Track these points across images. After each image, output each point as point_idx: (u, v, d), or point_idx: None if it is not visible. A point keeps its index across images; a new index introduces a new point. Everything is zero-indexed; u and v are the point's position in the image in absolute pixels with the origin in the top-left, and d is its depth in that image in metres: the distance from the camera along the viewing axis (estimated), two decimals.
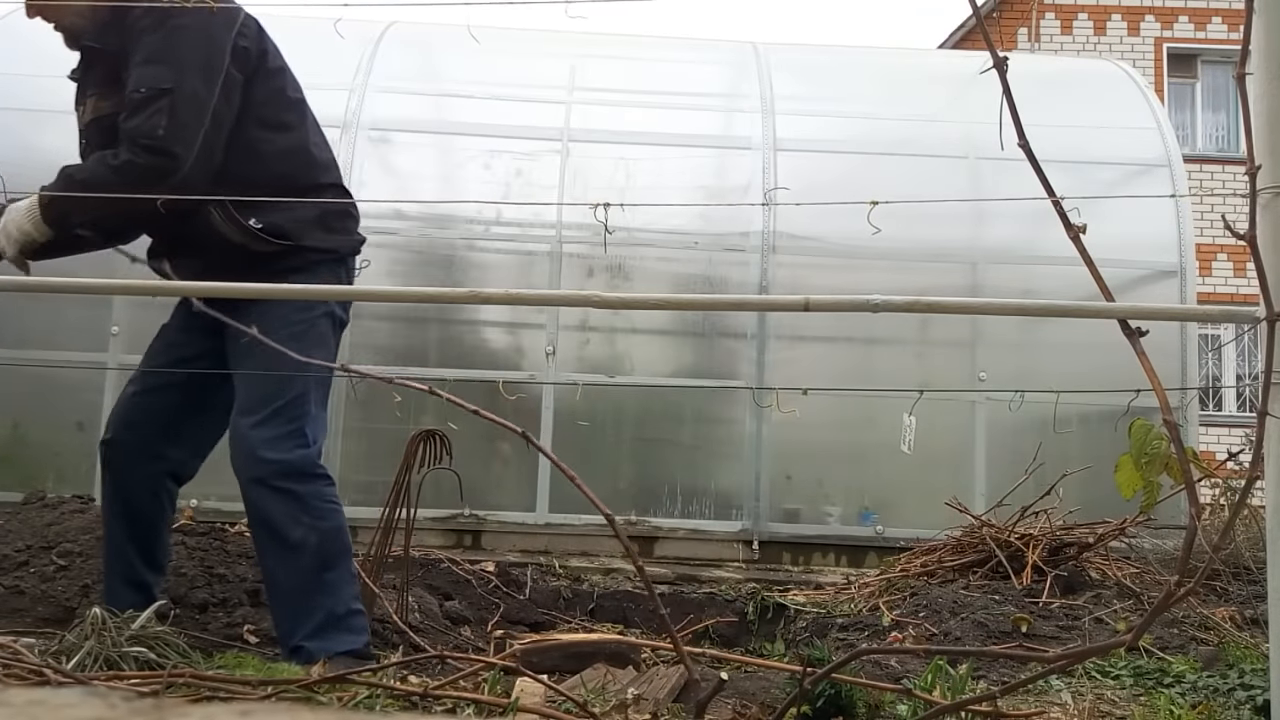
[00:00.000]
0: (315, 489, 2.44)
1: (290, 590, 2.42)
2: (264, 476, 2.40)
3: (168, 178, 2.32)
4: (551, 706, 1.88)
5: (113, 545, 2.57)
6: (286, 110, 2.58)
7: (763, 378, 4.99)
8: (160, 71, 2.33)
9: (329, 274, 2.59)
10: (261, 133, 2.51)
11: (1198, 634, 3.02)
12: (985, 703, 1.68)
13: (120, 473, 2.54)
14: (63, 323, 4.94)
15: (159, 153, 2.31)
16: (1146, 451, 1.67)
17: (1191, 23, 12.55)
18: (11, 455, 4.86)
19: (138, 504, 2.55)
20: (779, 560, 4.87)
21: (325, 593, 2.41)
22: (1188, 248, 5.24)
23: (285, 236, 2.48)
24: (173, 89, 2.32)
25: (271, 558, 2.44)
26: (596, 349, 5.25)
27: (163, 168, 2.32)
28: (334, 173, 2.70)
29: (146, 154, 2.31)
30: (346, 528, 2.50)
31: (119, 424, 2.56)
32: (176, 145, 2.31)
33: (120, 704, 0.59)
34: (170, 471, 2.59)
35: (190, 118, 2.34)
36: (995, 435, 4.98)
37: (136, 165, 2.31)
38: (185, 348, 2.57)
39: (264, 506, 2.41)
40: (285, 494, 2.40)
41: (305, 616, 2.39)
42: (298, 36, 5.79)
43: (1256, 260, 1.55)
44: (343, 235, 2.63)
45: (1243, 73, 1.57)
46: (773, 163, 5.29)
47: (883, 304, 1.75)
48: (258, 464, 2.41)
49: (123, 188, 2.28)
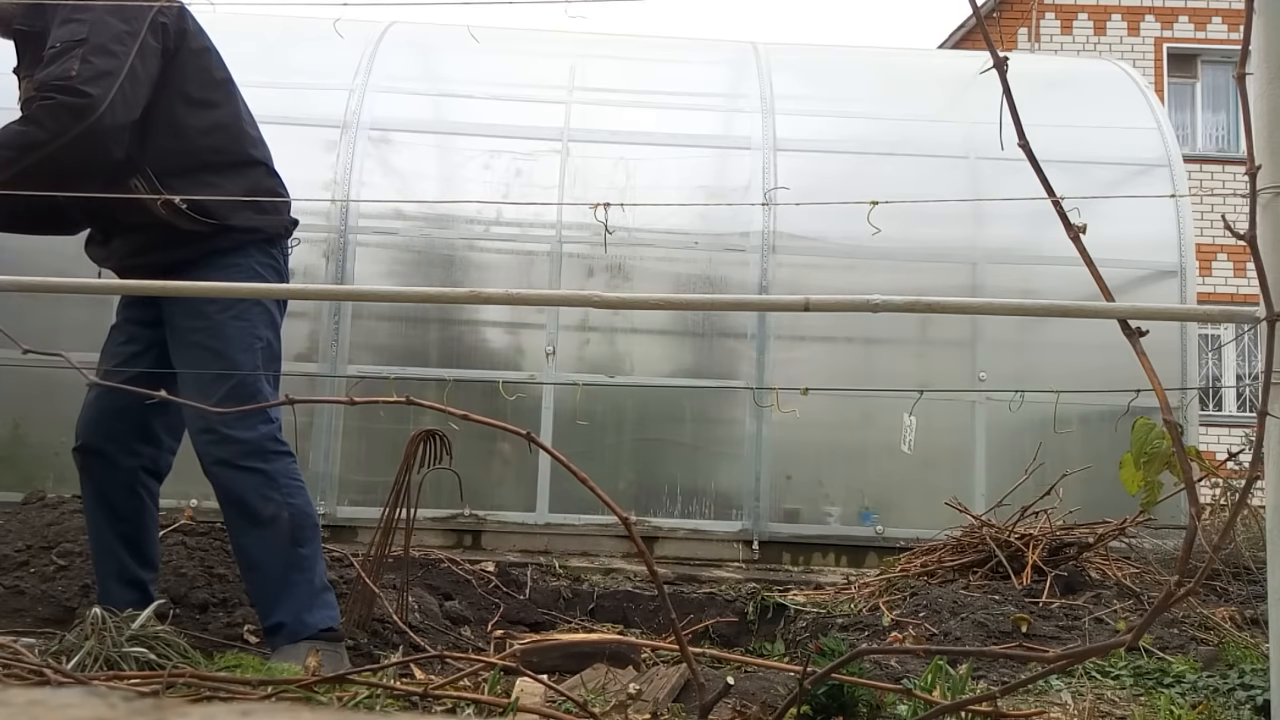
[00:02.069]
0: (282, 465, 2.46)
1: (266, 568, 2.43)
2: (230, 457, 2.41)
3: (83, 117, 2.28)
4: (551, 706, 1.88)
5: (101, 547, 2.57)
6: (212, 89, 2.58)
7: (763, 378, 4.99)
8: (74, 28, 2.34)
9: (259, 254, 2.57)
10: (186, 109, 2.50)
11: (1198, 634, 3.02)
12: (985, 703, 1.68)
13: (97, 475, 2.54)
14: (63, 323, 4.94)
15: (71, 92, 2.27)
16: (1147, 450, 1.67)
17: (1191, 23, 12.55)
18: (11, 455, 4.86)
19: (119, 504, 2.56)
20: (779, 560, 4.88)
21: (301, 568, 2.44)
22: (1188, 248, 5.24)
23: (211, 215, 2.46)
24: (85, 38, 2.32)
25: (245, 537, 2.46)
26: (596, 349, 5.25)
27: (76, 107, 2.27)
28: (264, 150, 2.68)
29: (60, 94, 2.28)
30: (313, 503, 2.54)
31: (87, 428, 2.55)
32: (90, 86, 2.29)
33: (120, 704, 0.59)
34: (144, 467, 2.59)
35: (103, 64, 2.32)
36: (995, 435, 4.98)
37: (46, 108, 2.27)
38: (135, 343, 2.58)
39: (233, 487, 2.43)
40: (253, 472, 2.42)
41: (283, 593, 2.42)
42: (298, 36, 5.83)
43: (1256, 260, 1.55)
44: (272, 215, 2.62)
45: (1243, 73, 1.57)
46: (773, 163, 5.29)
47: (883, 304, 1.75)
48: (223, 444, 2.41)
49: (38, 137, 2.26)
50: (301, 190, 5.20)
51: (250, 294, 2.44)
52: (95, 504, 2.56)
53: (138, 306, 2.60)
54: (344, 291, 4.79)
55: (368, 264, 5.18)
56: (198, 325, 2.47)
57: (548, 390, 4.96)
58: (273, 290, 2.38)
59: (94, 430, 2.54)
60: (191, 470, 5.40)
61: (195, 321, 2.48)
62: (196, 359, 2.46)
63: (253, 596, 2.53)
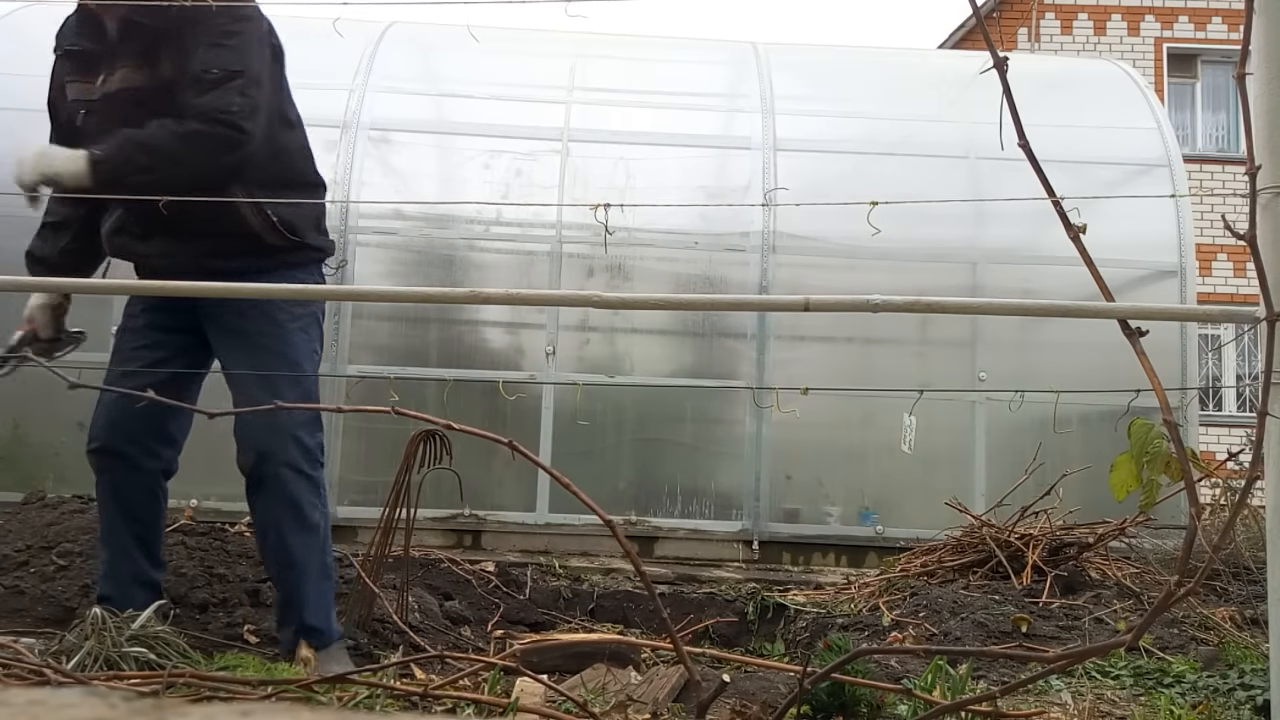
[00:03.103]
0: (322, 475, 2.56)
1: (308, 570, 2.50)
2: (297, 461, 2.47)
3: (235, 151, 2.37)
4: (551, 706, 1.88)
5: (118, 549, 2.55)
6: (292, 107, 2.64)
7: (763, 378, 4.99)
8: (229, 55, 2.40)
9: (318, 271, 2.69)
10: (281, 128, 2.57)
11: (1198, 634, 3.02)
12: (985, 703, 1.68)
13: (117, 478, 2.53)
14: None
15: (231, 126, 2.36)
16: (1147, 450, 1.67)
17: (1191, 23, 12.55)
18: (11, 455, 4.86)
19: (139, 506, 2.56)
20: (779, 560, 4.87)
21: (328, 576, 2.55)
22: (1188, 248, 5.24)
23: (295, 232, 2.55)
24: (243, 70, 2.40)
25: (294, 537, 2.49)
26: (596, 349, 5.25)
27: (232, 141, 2.37)
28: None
29: (220, 126, 2.36)
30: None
31: (106, 430, 2.54)
32: (247, 122, 2.38)
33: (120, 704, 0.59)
34: (163, 469, 2.60)
35: (259, 100, 2.41)
36: (995, 435, 4.98)
37: (204, 134, 2.36)
38: (159, 348, 2.58)
39: (294, 490, 2.47)
40: (309, 479, 2.49)
41: (319, 597, 2.50)
42: (298, 36, 5.82)
43: (1256, 260, 1.55)
44: (328, 237, 2.74)
45: (1243, 73, 1.57)
46: (773, 163, 5.29)
47: (883, 304, 1.75)
48: (294, 447, 2.47)
49: (185, 155, 2.35)
50: None
51: (251, 294, 2.44)
52: (114, 506, 2.54)
53: (166, 311, 2.58)
54: (344, 291, 4.78)
55: (368, 264, 5.18)
56: (269, 330, 2.52)
57: (548, 390, 4.96)
58: (273, 290, 2.38)
59: (113, 432, 2.52)
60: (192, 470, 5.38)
61: (267, 326, 2.52)
62: (268, 363, 2.49)
63: (287, 596, 2.52)
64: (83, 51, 2.51)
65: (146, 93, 2.45)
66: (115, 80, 2.47)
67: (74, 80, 2.52)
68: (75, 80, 2.52)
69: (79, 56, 2.52)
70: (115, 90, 2.46)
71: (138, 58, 2.45)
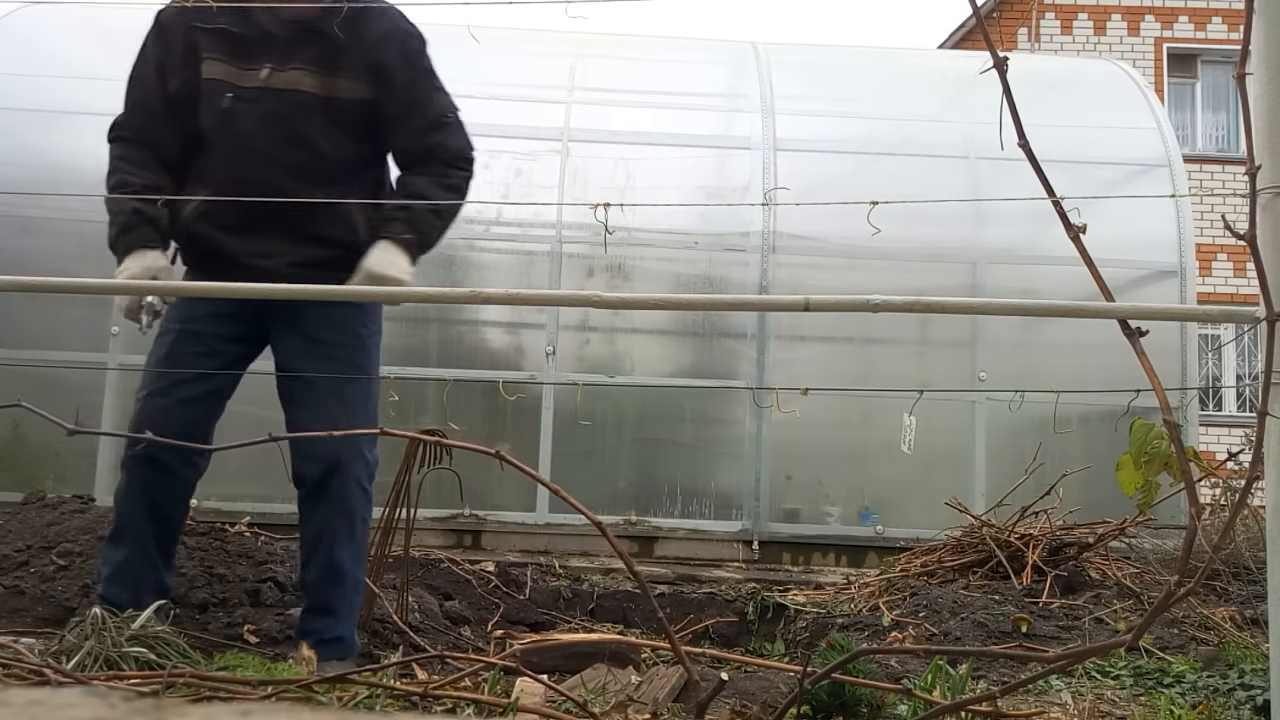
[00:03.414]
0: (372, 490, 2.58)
1: (351, 583, 2.52)
2: (361, 475, 2.49)
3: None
4: (551, 706, 1.88)
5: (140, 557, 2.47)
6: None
7: (763, 378, 4.99)
8: (448, 100, 2.63)
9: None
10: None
11: (1198, 634, 3.01)
12: (985, 703, 1.68)
13: (153, 486, 2.44)
14: (63, 323, 4.94)
15: (470, 165, 2.57)
16: (1146, 451, 1.67)
17: (1191, 23, 12.55)
18: (11, 455, 4.86)
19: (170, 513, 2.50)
20: (779, 560, 4.87)
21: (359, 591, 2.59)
22: (1188, 248, 5.24)
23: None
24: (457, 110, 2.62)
25: (345, 550, 2.50)
26: (596, 349, 5.25)
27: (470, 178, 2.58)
28: None
29: (468, 168, 2.57)
30: None
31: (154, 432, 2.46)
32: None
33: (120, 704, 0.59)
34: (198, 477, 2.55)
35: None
36: (995, 435, 4.98)
37: (463, 179, 2.56)
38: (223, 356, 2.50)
39: (355, 503, 2.48)
40: (366, 494, 2.52)
41: (350, 610, 2.53)
42: None
43: (1256, 260, 1.55)
44: None
45: (1243, 73, 1.57)
46: (773, 163, 5.29)
47: (883, 304, 1.75)
48: (361, 463, 2.49)
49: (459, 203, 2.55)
50: None
51: (250, 294, 2.44)
52: (145, 514, 2.45)
53: (234, 320, 2.51)
54: (344, 291, 4.77)
55: None
56: (350, 343, 2.53)
57: (548, 390, 4.95)
58: (273, 290, 2.38)
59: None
60: None
61: (344, 338, 2.53)
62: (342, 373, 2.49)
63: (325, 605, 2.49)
64: (235, 34, 2.43)
65: (316, 101, 2.46)
66: (284, 78, 2.44)
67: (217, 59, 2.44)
68: (220, 60, 2.44)
69: (229, 38, 2.43)
70: (281, 88, 2.43)
71: (316, 65, 2.45)
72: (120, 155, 2.47)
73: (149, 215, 2.41)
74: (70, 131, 5.29)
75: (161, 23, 2.49)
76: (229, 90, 2.42)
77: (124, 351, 4.85)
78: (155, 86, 2.47)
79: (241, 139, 2.44)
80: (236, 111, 2.43)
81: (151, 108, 2.47)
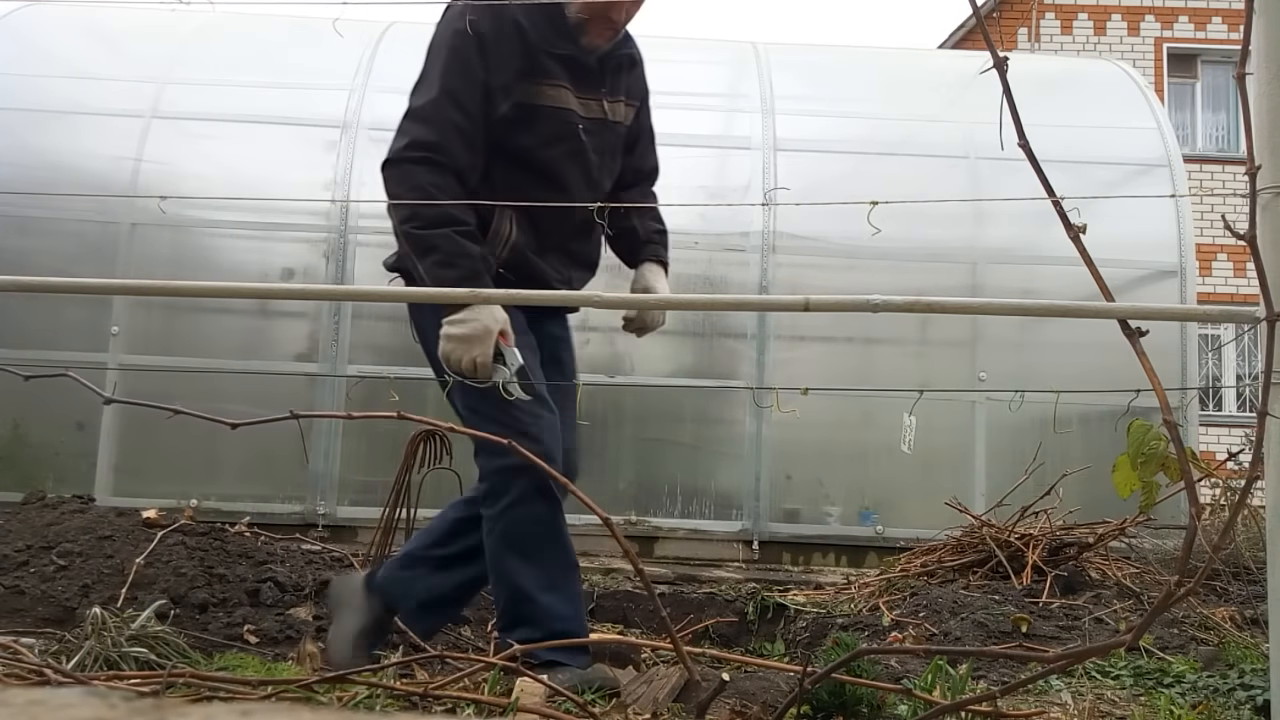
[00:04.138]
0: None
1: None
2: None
3: None
4: (551, 706, 1.88)
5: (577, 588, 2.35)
6: None
7: (763, 378, 4.99)
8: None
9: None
10: None
11: (1198, 634, 3.01)
12: (985, 703, 1.68)
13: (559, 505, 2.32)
14: (63, 323, 4.94)
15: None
16: (1144, 451, 1.67)
17: (1191, 23, 12.56)
18: (11, 455, 4.86)
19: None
20: (779, 560, 4.87)
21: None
22: (1188, 248, 5.24)
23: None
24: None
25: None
26: (596, 349, 5.24)
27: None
28: None
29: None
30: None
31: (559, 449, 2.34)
32: None
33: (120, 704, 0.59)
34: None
35: None
36: (995, 435, 4.98)
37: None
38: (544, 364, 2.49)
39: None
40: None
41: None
42: (298, 36, 5.83)
43: (1256, 260, 1.55)
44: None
45: (1243, 73, 1.57)
46: (773, 163, 5.29)
47: (883, 304, 1.75)
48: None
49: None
50: (301, 190, 5.25)
51: (249, 294, 2.44)
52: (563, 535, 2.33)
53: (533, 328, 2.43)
54: (344, 291, 4.78)
55: (368, 264, 5.17)
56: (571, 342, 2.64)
57: None
58: (272, 291, 2.38)
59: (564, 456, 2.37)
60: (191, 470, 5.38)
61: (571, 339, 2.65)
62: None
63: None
64: (579, 61, 2.34)
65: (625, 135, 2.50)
66: (619, 111, 2.44)
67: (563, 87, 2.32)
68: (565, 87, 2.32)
69: (572, 64, 2.33)
70: (613, 121, 2.43)
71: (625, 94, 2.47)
72: (434, 183, 2.21)
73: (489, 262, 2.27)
74: (70, 131, 5.29)
75: (484, 34, 2.25)
76: (579, 121, 2.33)
77: (124, 351, 4.85)
78: (479, 107, 2.26)
79: (584, 169, 2.38)
80: (586, 142, 2.35)
81: (468, 131, 2.25)
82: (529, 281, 2.30)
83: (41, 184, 4.90)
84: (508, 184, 2.31)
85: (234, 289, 2.30)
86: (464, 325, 2.17)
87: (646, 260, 2.56)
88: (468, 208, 2.24)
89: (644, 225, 2.61)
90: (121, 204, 4.95)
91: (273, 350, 5.05)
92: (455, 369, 2.19)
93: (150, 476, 4.85)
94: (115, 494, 4.66)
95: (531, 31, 2.27)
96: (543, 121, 2.30)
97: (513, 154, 2.31)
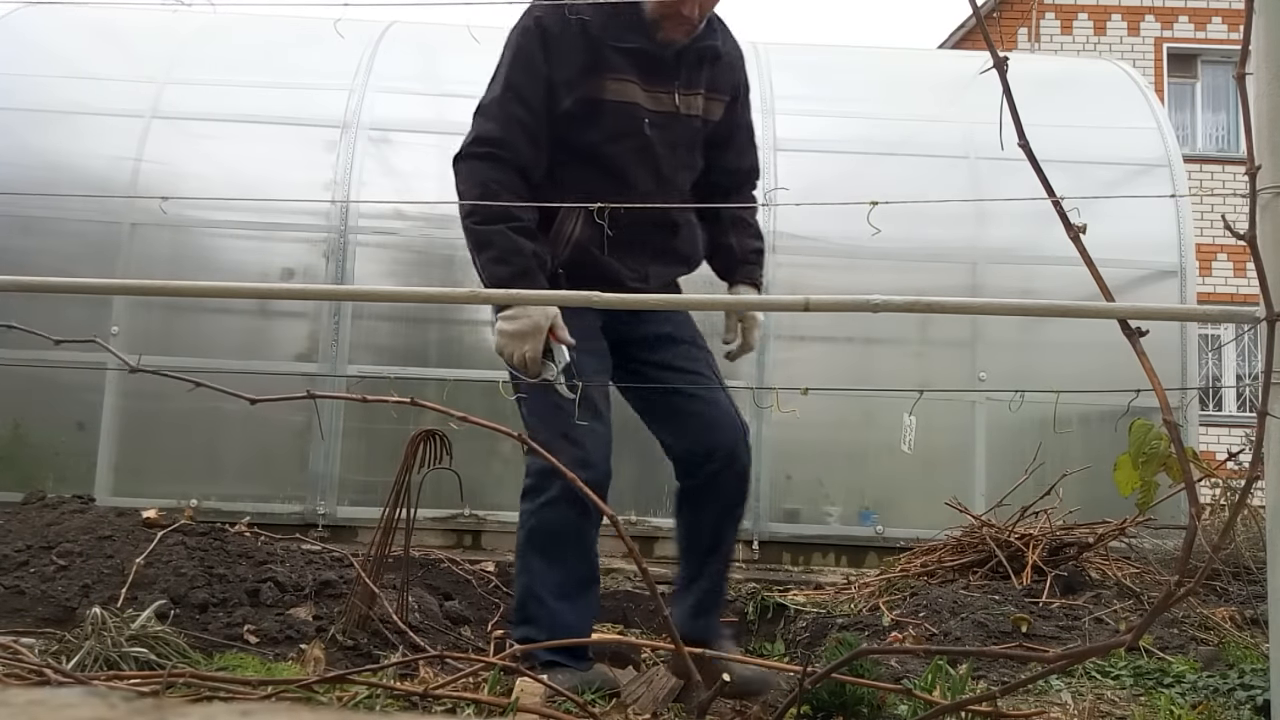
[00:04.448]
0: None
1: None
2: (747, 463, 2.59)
3: None
4: (551, 706, 1.88)
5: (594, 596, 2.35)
6: None
7: (763, 378, 4.99)
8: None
9: None
10: None
11: (1198, 634, 3.01)
12: (985, 703, 1.68)
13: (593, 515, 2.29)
14: (63, 323, 4.93)
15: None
16: (1145, 451, 1.67)
17: (1191, 23, 12.55)
18: (11, 455, 4.86)
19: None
20: (779, 560, 4.87)
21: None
22: (1188, 248, 5.24)
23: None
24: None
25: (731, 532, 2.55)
26: None
27: None
28: None
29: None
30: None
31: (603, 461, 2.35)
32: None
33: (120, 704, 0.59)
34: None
35: None
36: (995, 435, 4.98)
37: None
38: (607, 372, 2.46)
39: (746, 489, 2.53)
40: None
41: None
42: (298, 36, 5.82)
43: (1256, 260, 1.55)
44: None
45: (1243, 73, 1.57)
46: (773, 163, 5.29)
47: (883, 304, 1.75)
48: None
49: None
50: (302, 190, 5.25)
51: (249, 294, 2.44)
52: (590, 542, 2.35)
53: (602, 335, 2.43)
54: (344, 291, 4.78)
55: (368, 264, 5.17)
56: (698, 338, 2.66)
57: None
58: (272, 291, 2.38)
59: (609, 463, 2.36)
60: (191, 470, 5.38)
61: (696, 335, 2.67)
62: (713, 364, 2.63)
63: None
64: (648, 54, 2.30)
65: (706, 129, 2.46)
66: (694, 104, 2.40)
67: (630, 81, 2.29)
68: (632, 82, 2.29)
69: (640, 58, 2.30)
70: (688, 115, 2.39)
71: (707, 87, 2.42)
72: (496, 179, 2.24)
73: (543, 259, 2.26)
74: (70, 131, 5.29)
75: (547, 29, 2.26)
76: (645, 115, 2.31)
77: (124, 351, 4.84)
78: (542, 102, 2.26)
79: (653, 164, 2.35)
80: (651, 136, 2.33)
81: (531, 126, 2.26)
82: (596, 279, 2.21)
83: (42, 184, 4.90)
84: (574, 180, 2.31)
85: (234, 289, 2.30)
86: (515, 321, 2.19)
87: (740, 282, 2.65)
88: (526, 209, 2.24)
89: (741, 244, 2.60)
90: (122, 204, 4.95)
91: (273, 350, 5.05)
92: (507, 363, 2.24)
93: (150, 476, 4.85)
94: (115, 494, 4.66)
95: (596, 26, 2.25)
96: (607, 116, 2.28)
97: (578, 149, 2.31)
